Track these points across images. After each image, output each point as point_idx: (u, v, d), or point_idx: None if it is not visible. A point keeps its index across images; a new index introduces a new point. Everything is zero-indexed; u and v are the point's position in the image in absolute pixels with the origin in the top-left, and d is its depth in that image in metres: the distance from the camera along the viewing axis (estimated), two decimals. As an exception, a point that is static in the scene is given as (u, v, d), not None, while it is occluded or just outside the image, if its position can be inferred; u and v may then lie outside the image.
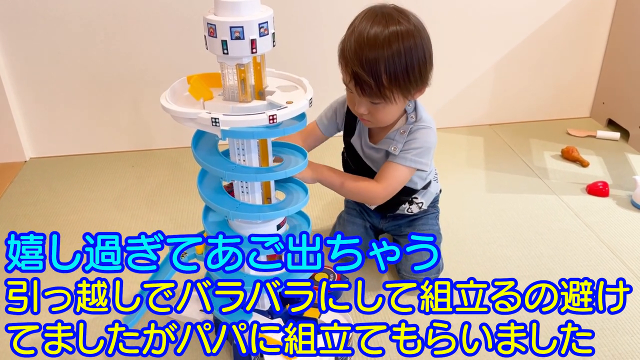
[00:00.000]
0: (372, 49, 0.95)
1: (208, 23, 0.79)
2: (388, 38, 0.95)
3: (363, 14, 1.00)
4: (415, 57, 0.97)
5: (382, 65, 0.96)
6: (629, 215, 1.46)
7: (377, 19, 0.97)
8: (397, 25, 0.96)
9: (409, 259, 1.19)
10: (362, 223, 1.28)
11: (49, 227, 1.46)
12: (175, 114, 0.83)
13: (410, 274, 1.18)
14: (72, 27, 1.66)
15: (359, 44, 0.96)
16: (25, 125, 1.79)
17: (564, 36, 1.90)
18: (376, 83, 0.97)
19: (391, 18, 0.97)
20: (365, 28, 0.96)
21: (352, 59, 0.97)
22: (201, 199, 0.93)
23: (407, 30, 0.96)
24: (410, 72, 0.98)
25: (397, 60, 0.96)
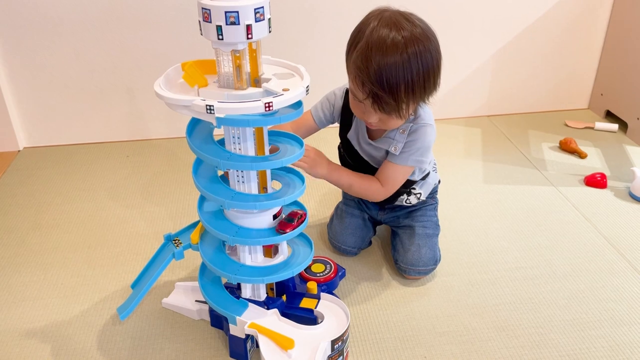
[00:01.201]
0: (390, 65, 0.92)
1: (202, 8, 0.78)
2: (405, 50, 0.93)
3: (372, 26, 0.95)
4: (430, 63, 0.96)
5: (403, 85, 0.94)
6: (627, 207, 1.46)
7: (390, 32, 0.93)
8: (409, 33, 0.93)
9: (407, 251, 1.18)
10: (360, 214, 1.27)
11: (43, 217, 1.45)
12: (169, 101, 0.81)
13: (407, 266, 1.17)
14: (66, 16, 1.64)
15: (376, 63, 0.92)
16: (18, 115, 1.77)
17: (562, 28, 1.89)
18: (396, 102, 0.95)
19: (402, 28, 0.94)
20: (380, 44, 0.92)
21: (369, 79, 0.94)
22: (196, 188, 0.91)
23: (418, 37, 0.94)
24: (427, 81, 0.97)
25: (416, 79, 0.95)
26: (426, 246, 1.18)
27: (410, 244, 1.19)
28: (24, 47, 1.67)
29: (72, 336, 1.07)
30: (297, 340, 0.91)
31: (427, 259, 1.17)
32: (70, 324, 1.10)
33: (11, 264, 1.27)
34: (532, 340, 1.05)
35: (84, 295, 1.17)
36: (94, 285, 1.20)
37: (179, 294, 1.14)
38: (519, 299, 1.15)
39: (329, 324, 0.96)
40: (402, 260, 1.18)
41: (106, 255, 1.29)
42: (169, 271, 1.22)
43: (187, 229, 1.06)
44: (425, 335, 1.06)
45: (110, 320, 1.10)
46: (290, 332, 0.92)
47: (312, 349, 0.90)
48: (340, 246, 1.25)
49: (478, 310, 1.12)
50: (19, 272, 1.24)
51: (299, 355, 0.89)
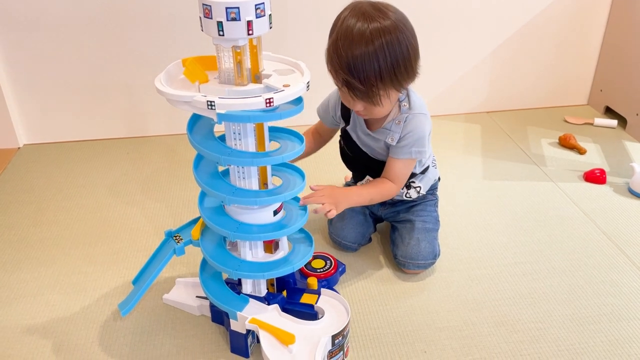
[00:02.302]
0: (356, 55, 0.96)
1: (203, 4, 0.78)
2: (371, 41, 0.95)
3: (342, 17, 1.00)
4: (400, 53, 0.98)
5: (369, 68, 0.96)
6: (626, 203, 1.46)
7: (357, 23, 0.97)
8: (377, 24, 0.96)
9: (406, 245, 1.18)
10: (361, 210, 1.27)
11: (43, 213, 1.45)
12: (170, 97, 0.82)
13: (406, 260, 1.18)
14: (65, 14, 1.64)
15: (345, 52, 0.97)
16: (18, 112, 1.77)
17: (562, 23, 1.89)
18: (366, 87, 0.99)
19: (370, 19, 0.96)
20: (347, 34, 0.97)
21: (340, 68, 0.98)
22: (197, 184, 0.92)
23: (386, 28, 0.96)
24: (397, 69, 0.98)
25: (382, 61, 0.96)
26: (425, 240, 1.19)
27: (409, 238, 1.19)
28: (24, 44, 1.67)
29: (73, 332, 1.07)
30: (298, 336, 0.91)
31: (426, 253, 1.18)
32: (72, 320, 1.10)
33: (12, 260, 1.27)
34: (532, 335, 1.06)
35: (85, 292, 1.17)
36: (94, 281, 1.20)
37: (179, 289, 1.14)
38: (518, 294, 1.15)
39: (330, 319, 0.96)
40: (402, 255, 1.19)
41: (107, 252, 1.30)
42: (170, 267, 1.22)
43: (187, 225, 1.07)
44: (425, 330, 1.07)
45: (111, 316, 1.10)
46: (291, 328, 0.93)
47: (313, 344, 0.90)
48: (341, 241, 1.26)
49: (477, 306, 1.13)
50: (19, 269, 1.24)
51: (299, 350, 0.90)
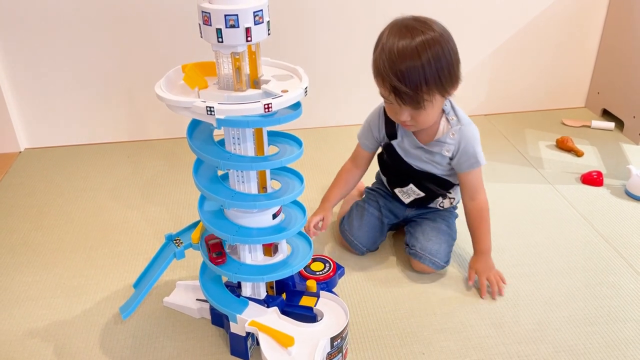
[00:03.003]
0: (404, 61, 1.01)
1: (202, 11, 0.79)
2: (417, 48, 1.00)
3: (387, 30, 1.05)
4: (444, 60, 1.03)
5: (416, 74, 1.01)
6: (623, 205, 1.47)
7: (402, 33, 1.02)
8: (422, 35, 1.02)
9: (428, 240, 1.20)
10: (379, 217, 1.29)
11: (44, 217, 1.46)
12: (170, 103, 0.83)
13: (424, 253, 1.19)
14: (66, 18, 1.65)
15: (392, 59, 1.01)
16: (19, 116, 1.78)
17: (559, 26, 1.90)
18: (414, 91, 1.02)
19: (415, 29, 1.02)
20: (393, 43, 1.02)
21: (388, 74, 1.02)
22: (197, 188, 0.93)
23: (432, 38, 1.02)
24: (442, 75, 1.03)
25: (428, 67, 1.01)
26: (446, 243, 1.22)
27: (433, 235, 1.21)
28: (25, 48, 1.68)
29: (75, 335, 1.08)
30: (297, 338, 0.92)
31: (443, 254, 1.20)
32: (73, 324, 1.11)
33: (13, 264, 1.28)
34: (529, 336, 1.06)
35: (86, 295, 1.18)
36: (95, 284, 1.21)
37: (180, 292, 1.15)
38: (516, 296, 1.16)
39: (329, 321, 0.97)
40: (421, 247, 1.20)
41: (108, 255, 1.31)
42: (170, 271, 1.23)
43: (187, 228, 1.08)
44: (424, 332, 1.08)
45: (112, 320, 1.11)
46: (290, 330, 0.94)
47: (312, 346, 0.91)
48: (353, 241, 1.27)
49: (475, 307, 1.14)
50: (21, 272, 1.25)
51: (298, 352, 0.91)
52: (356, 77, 1.87)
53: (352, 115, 1.93)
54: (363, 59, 1.84)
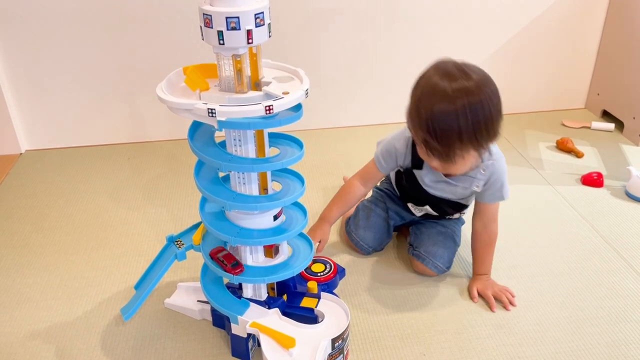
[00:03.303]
0: (436, 114, 0.94)
1: (204, 13, 0.79)
2: (453, 101, 0.94)
3: (426, 75, 0.99)
4: (482, 114, 0.96)
5: (448, 128, 0.95)
6: (623, 206, 1.47)
7: (440, 81, 0.95)
8: (460, 84, 0.94)
9: (433, 244, 1.20)
10: (386, 218, 1.28)
11: (45, 219, 1.46)
12: (172, 105, 0.83)
13: (428, 256, 1.19)
14: (67, 19, 1.66)
15: (425, 110, 0.95)
16: (20, 118, 1.79)
17: (559, 27, 1.91)
18: (444, 147, 0.97)
19: (454, 78, 0.95)
20: (429, 93, 0.96)
21: (420, 126, 0.97)
22: (198, 190, 0.93)
23: (469, 89, 0.94)
24: (477, 131, 0.96)
25: (462, 122, 0.94)
26: (451, 249, 1.22)
27: (439, 239, 1.21)
28: (26, 50, 1.68)
29: (76, 337, 1.08)
30: (298, 339, 0.92)
31: (447, 259, 1.20)
32: (74, 325, 1.11)
33: (14, 265, 1.28)
34: (530, 337, 1.07)
35: (87, 297, 1.18)
36: (97, 286, 1.21)
37: (181, 294, 1.15)
38: (516, 297, 1.16)
39: (330, 322, 0.97)
40: (425, 250, 1.20)
41: (109, 257, 1.31)
42: (171, 272, 1.23)
43: (189, 230, 1.08)
44: (424, 333, 1.08)
45: (113, 321, 1.11)
46: (291, 331, 0.94)
47: (313, 347, 0.91)
48: (359, 241, 1.27)
49: (476, 308, 1.14)
50: (22, 274, 1.25)
51: (300, 353, 0.91)
52: (357, 78, 1.87)
53: (353, 117, 1.93)
54: (364, 61, 1.85)
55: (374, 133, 1.87)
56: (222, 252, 0.96)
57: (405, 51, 1.85)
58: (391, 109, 1.92)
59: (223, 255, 0.96)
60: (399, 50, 1.84)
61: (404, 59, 1.86)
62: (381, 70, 1.87)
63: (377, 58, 1.85)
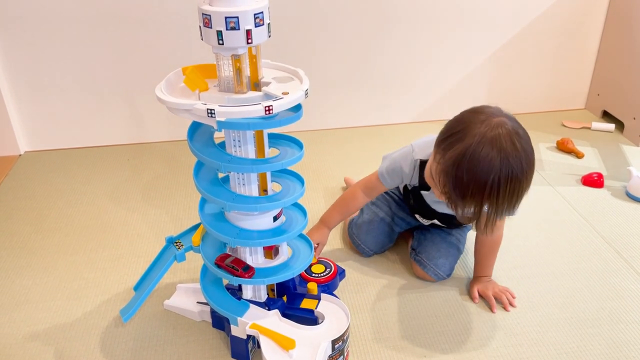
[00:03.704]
0: (478, 191, 0.89)
1: (203, 13, 0.79)
2: (498, 185, 0.89)
3: (482, 130, 0.90)
4: (518, 196, 0.92)
5: (481, 204, 0.92)
6: (624, 206, 1.47)
7: (492, 154, 0.88)
8: (511, 167, 0.89)
9: (437, 251, 1.19)
10: (390, 223, 1.27)
11: (44, 220, 1.46)
12: (171, 105, 0.83)
13: (430, 263, 1.18)
14: (67, 21, 1.65)
15: (466, 182, 0.89)
16: (19, 119, 1.78)
17: (559, 28, 1.91)
18: (469, 213, 0.94)
19: (506, 155, 0.89)
20: (477, 164, 0.88)
21: (454, 190, 0.91)
22: (197, 191, 0.93)
23: (517, 171, 0.90)
24: (504, 210, 0.93)
25: (495, 202, 0.91)
26: (452, 257, 1.20)
27: (443, 247, 1.20)
28: (25, 51, 1.68)
29: (75, 338, 1.08)
30: (298, 341, 0.92)
31: (447, 267, 1.19)
32: (73, 327, 1.11)
33: (14, 267, 1.28)
34: (530, 338, 1.06)
35: (87, 298, 1.18)
36: (96, 287, 1.21)
37: (180, 295, 1.15)
38: (517, 298, 1.16)
39: (330, 324, 0.97)
40: (427, 257, 1.19)
41: (108, 258, 1.30)
42: (171, 273, 1.23)
43: (188, 231, 1.08)
44: (425, 334, 1.07)
45: (112, 323, 1.11)
46: (291, 333, 0.93)
47: (313, 349, 0.91)
48: (360, 244, 1.27)
49: (476, 310, 1.13)
50: (21, 275, 1.25)
51: (300, 355, 0.90)
52: (358, 79, 1.87)
53: (354, 117, 1.93)
54: (364, 61, 1.85)
55: (375, 134, 1.87)
56: (228, 259, 0.96)
57: (406, 52, 1.84)
58: (392, 109, 1.92)
59: (231, 261, 0.95)
60: (400, 50, 1.84)
61: (404, 60, 1.86)
62: (382, 71, 1.86)
63: (378, 58, 1.85)
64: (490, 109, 0.96)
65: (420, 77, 1.90)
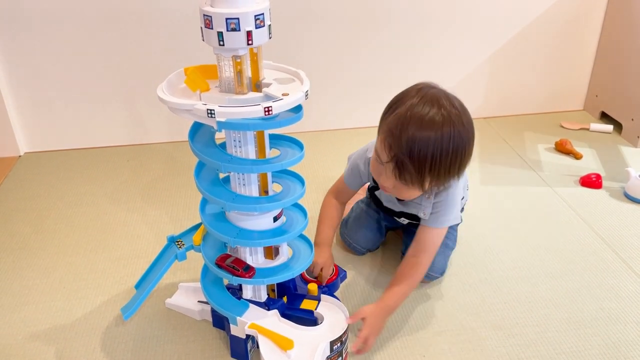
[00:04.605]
0: (424, 143, 0.91)
1: (204, 14, 0.79)
2: (441, 137, 0.91)
3: (417, 96, 0.95)
4: (460, 155, 0.94)
5: (430, 160, 0.92)
6: (622, 207, 1.48)
7: (432, 111, 0.92)
8: (451, 125, 0.92)
9: None
10: (378, 219, 1.28)
11: (44, 221, 1.46)
12: (172, 105, 0.83)
13: None
14: (67, 22, 1.66)
15: (412, 136, 0.92)
16: (19, 120, 1.79)
17: (557, 30, 1.91)
18: (418, 174, 0.94)
19: (442, 107, 0.93)
20: (419, 119, 0.92)
21: (402, 147, 0.92)
22: (198, 190, 0.93)
23: (458, 129, 0.93)
24: (452, 169, 0.95)
25: (444, 158, 0.93)
26: (442, 254, 1.19)
27: None
28: (25, 52, 1.68)
29: (75, 339, 1.08)
30: (297, 341, 0.92)
31: (438, 266, 1.19)
32: (73, 327, 1.11)
33: (14, 268, 1.28)
34: (529, 338, 1.07)
35: (87, 298, 1.18)
36: (96, 288, 1.21)
37: (181, 294, 1.15)
38: (515, 298, 1.16)
39: (329, 325, 0.97)
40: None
41: (108, 259, 1.31)
42: (171, 273, 1.23)
43: (189, 230, 1.08)
44: (424, 334, 1.08)
45: (113, 322, 1.11)
46: (290, 333, 0.94)
47: (312, 349, 0.91)
48: (352, 243, 1.28)
49: (475, 310, 1.14)
50: (21, 276, 1.25)
51: (298, 355, 0.91)
52: (358, 80, 1.88)
53: (354, 118, 1.93)
54: (365, 62, 1.85)
55: (376, 135, 1.87)
56: (229, 259, 0.96)
57: (405, 53, 1.85)
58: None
59: (232, 261, 0.95)
60: (399, 51, 1.85)
61: (404, 61, 1.86)
62: (383, 72, 1.87)
63: (379, 59, 1.85)
64: (428, 82, 1.00)
65: (419, 78, 1.88)
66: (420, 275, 1.10)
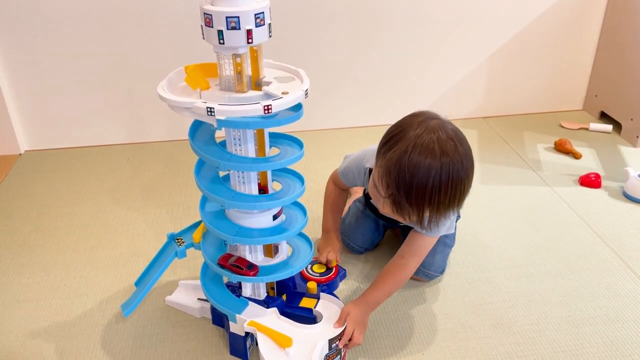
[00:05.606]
0: (422, 191, 0.88)
1: (204, 13, 0.80)
2: (439, 181, 0.87)
3: (418, 130, 0.90)
4: (460, 194, 0.91)
5: (428, 202, 0.89)
6: (621, 206, 1.48)
7: (434, 151, 0.87)
8: (452, 165, 0.88)
9: None
10: (375, 218, 1.28)
11: (45, 219, 1.46)
12: (172, 104, 0.83)
13: (418, 267, 1.17)
14: (67, 20, 1.66)
15: (409, 183, 0.88)
16: (20, 118, 1.79)
17: (557, 29, 1.91)
18: (417, 213, 0.91)
19: (445, 154, 0.88)
20: (417, 165, 0.87)
21: (399, 190, 0.89)
22: (198, 188, 0.93)
23: (458, 170, 0.88)
24: (452, 205, 0.92)
25: (443, 199, 0.89)
26: (441, 254, 1.19)
27: None
28: (25, 50, 1.69)
29: (75, 336, 1.08)
30: (295, 339, 0.93)
31: (438, 265, 1.19)
32: (73, 324, 1.11)
33: (14, 265, 1.29)
34: (528, 337, 1.07)
35: (87, 296, 1.18)
36: (96, 285, 1.22)
37: (182, 291, 1.16)
38: (514, 297, 1.17)
39: (327, 323, 0.97)
40: None
41: (108, 257, 1.31)
42: (171, 271, 1.23)
43: (189, 228, 1.08)
44: (423, 333, 1.08)
45: (113, 320, 1.12)
46: (289, 331, 0.94)
47: (310, 347, 0.92)
48: (350, 243, 1.28)
49: (474, 308, 1.14)
50: (21, 274, 1.26)
51: (296, 353, 0.91)
52: (359, 79, 1.88)
53: (354, 118, 1.94)
54: (365, 62, 1.86)
55: (376, 134, 1.87)
56: (232, 258, 0.96)
57: (406, 53, 1.85)
58: (393, 110, 1.92)
59: (235, 260, 0.95)
60: (400, 51, 1.85)
61: (405, 61, 1.86)
62: (383, 72, 1.87)
63: (379, 59, 1.85)
64: (429, 112, 0.95)
65: (419, 78, 1.91)
66: (406, 277, 1.07)
